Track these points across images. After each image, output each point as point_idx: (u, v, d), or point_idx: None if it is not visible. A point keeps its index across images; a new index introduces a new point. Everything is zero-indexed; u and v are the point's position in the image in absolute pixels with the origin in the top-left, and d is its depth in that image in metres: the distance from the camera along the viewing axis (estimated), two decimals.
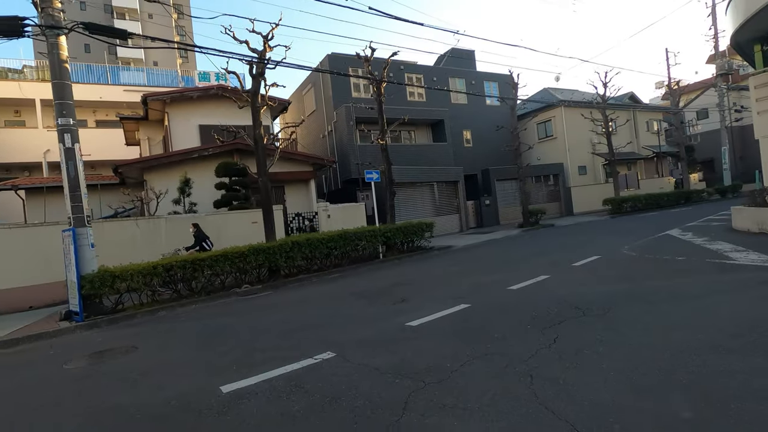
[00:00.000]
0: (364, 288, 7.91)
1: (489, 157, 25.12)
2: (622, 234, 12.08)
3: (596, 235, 12.63)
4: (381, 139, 12.96)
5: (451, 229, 20.00)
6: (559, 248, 10.57)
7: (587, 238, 12.09)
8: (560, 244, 11.26)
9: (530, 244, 12.62)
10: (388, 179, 13.04)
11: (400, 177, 17.75)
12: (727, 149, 26.57)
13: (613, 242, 10.28)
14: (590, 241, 11.42)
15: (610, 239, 11.13)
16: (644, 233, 11.47)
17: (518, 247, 12.23)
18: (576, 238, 12.46)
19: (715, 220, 12.86)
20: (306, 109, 23.84)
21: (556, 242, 12.07)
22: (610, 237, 11.65)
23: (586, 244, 10.81)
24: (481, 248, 13.09)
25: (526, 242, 13.29)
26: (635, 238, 10.49)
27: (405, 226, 13.07)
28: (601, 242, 10.70)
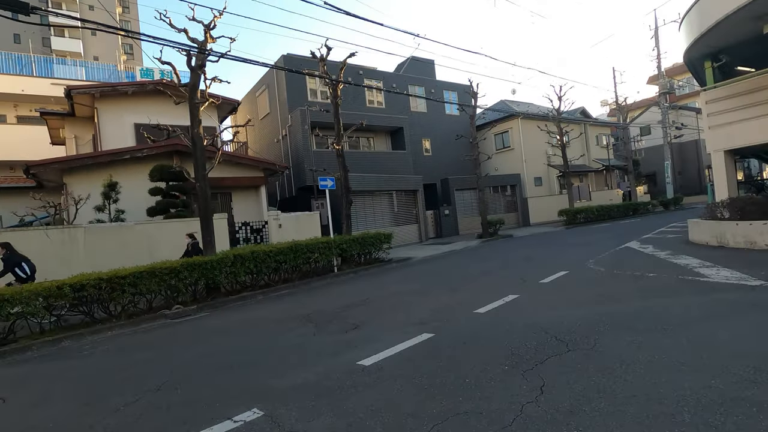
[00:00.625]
0: (313, 309, 6.97)
1: (448, 166, 24.89)
2: (582, 246, 11.88)
3: (557, 248, 12.38)
4: (337, 144, 12.10)
5: (411, 240, 19.39)
6: (522, 261, 10.12)
7: (549, 251, 11.79)
8: (523, 257, 10.84)
9: (492, 256, 12.17)
10: (344, 187, 12.18)
11: (357, 185, 16.93)
12: (670, 164, 27.94)
13: (577, 255, 9.97)
14: (553, 254, 11.09)
15: (572, 252, 10.85)
16: (604, 246, 11.32)
17: (480, 259, 11.72)
18: (538, 251, 12.14)
19: (669, 233, 13.02)
20: (259, 112, 22.55)
21: (518, 255, 11.67)
22: (571, 250, 11.39)
23: (549, 257, 10.45)
24: (441, 261, 12.48)
25: (487, 254, 12.84)
26: (597, 251, 10.25)
27: (362, 237, 12.24)
28: (564, 255, 10.37)
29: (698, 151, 36.66)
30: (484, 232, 18.93)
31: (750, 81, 10.08)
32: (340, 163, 12.24)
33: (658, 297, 5.28)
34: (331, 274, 11.25)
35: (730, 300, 4.79)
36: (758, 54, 10.80)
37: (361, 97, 21.79)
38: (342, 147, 12.28)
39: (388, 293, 7.75)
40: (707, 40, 9.95)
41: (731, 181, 10.68)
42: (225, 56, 9.40)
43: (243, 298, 9.04)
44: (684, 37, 11.05)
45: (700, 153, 36.96)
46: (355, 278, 10.71)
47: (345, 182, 12.16)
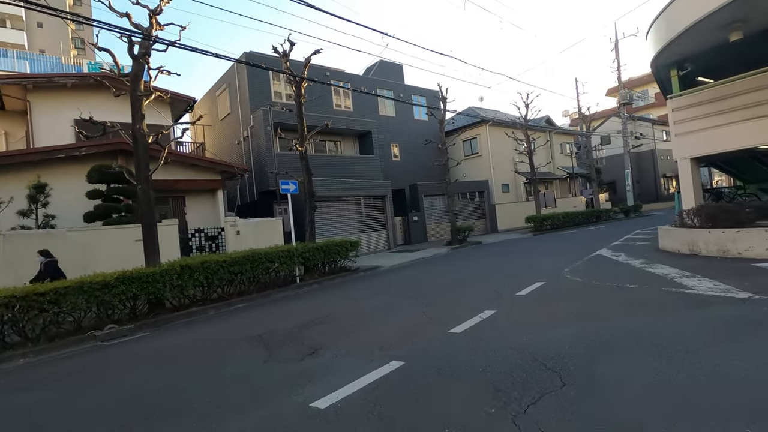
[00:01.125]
0: (268, 327, 6.16)
1: (417, 172, 24.51)
2: (554, 254, 11.62)
3: (529, 255, 12.07)
4: (300, 145, 11.32)
5: (379, 247, 18.75)
6: (495, 271, 9.67)
7: (521, 259, 11.44)
8: (495, 266, 10.41)
9: (463, 265, 11.69)
10: (307, 191, 11.39)
11: (323, 189, 16.15)
12: (630, 172, 28.78)
13: (550, 264, 9.62)
14: (525, 262, 10.72)
15: (545, 260, 10.52)
16: (576, 254, 11.09)
17: (451, 268, 11.22)
18: (509, 259, 11.77)
19: (636, 240, 13.02)
20: (219, 113, 21.35)
21: (490, 263, 11.25)
22: (544, 258, 11.08)
23: (522, 266, 10.05)
24: (410, 270, 11.89)
25: (457, 263, 12.37)
26: (570, 260, 9.96)
27: (327, 245, 11.47)
28: (537, 264, 10.01)
29: (654, 161, 38.24)
30: (453, 238, 18.57)
31: (714, 89, 10.14)
32: (304, 166, 11.45)
33: (645, 313, 4.86)
34: (292, 286, 10.41)
35: (725, 317, 4.40)
36: (722, 64, 10.94)
37: (328, 100, 21.06)
38: (306, 149, 11.50)
39: (353, 308, 7.03)
40: (674, 48, 9.93)
41: (697, 188, 10.71)
42: (174, 45, 8.46)
43: (191, 314, 8.07)
44: (651, 45, 11.06)
45: (656, 162, 38.59)
46: (318, 290, 9.92)
47: (309, 186, 11.38)
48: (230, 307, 8.60)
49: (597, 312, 5.09)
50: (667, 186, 39.85)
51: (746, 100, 9.53)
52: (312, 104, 20.14)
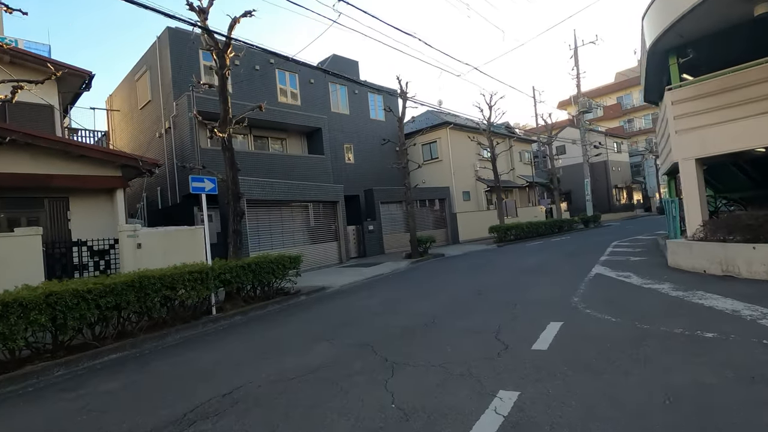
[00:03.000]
0: (118, 422, 3.47)
1: (373, 177, 22.22)
2: (538, 272, 9.65)
3: (508, 274, 10.01)
4: (221, 131, 8.59)
5: (329, 260, 16.13)
6: (476, 296, 7.44)
7: (501, 279, 9.34)
8: (473, 290, 8.20)
9: (430, 285, 9.42)
10: (231, 192, 8.65)
11: (262, 192, 13.37)
12: (589, 181, 28.23)
13: (545, 288, 7.57)
14: (509, 283, 8.60)
15: (533, 281, 8.47)
16: (566, 272, 9.19)
17: (416, 291, 8.89)
18: (487, 279, 9.64)
19: (628, 254, 11.41)
20: (139, 101, 17.92)
21: (465, 284, 9.05)
22: (529, 277, 9.05)
23: (508, 289, 7.91)
24: (365, 292, 9.44)
25: (423, 282, 10.08)
26: (566, 281, 7.98)
27: (258, 262, 8.76)
28: (527, 287, 7.92)
29: (607, 172, 38.59)
30: (414, 251, 16.37)
31: (724, 78, 8.66)
32: (227, 159, 8.71)
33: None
34: (206, 319, 7.62)
35: None
36: (726, 52, 9.57)
37: (272, 91, 18.30)
38: (230, 137, 8.76)
39: (279, 373, 4.44)
40: (684, 25, 8.34)
41: (703, 195, 9.15)
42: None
43: (18, 380, 5.10)
44: (650, 29, 9.49)
45: (609, 173, 39.00)
46: (238, 327, 7.19)
47: (233, 186, 8.64)
48: (95, 361, 5.70)
49: (699, 398, 2.88)
50: (618, 197, 40.41)
51: (764, 90, 8.06)
52: (252, 93, 17.31)
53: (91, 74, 11.49)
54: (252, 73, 17.68)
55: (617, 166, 40.34)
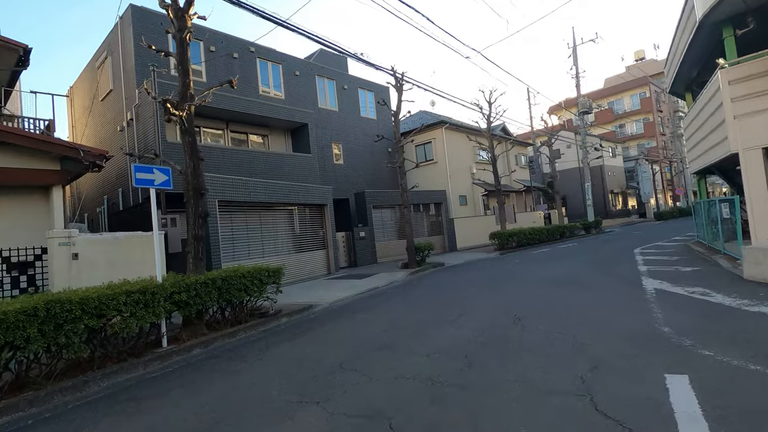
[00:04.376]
0: None
1: (364, 179, 20.45)
2: (573, 287, 7.96)
3: (534, 288, 8.29)
4: (179, 108, 6.71)
5: (317, 271, 14.22)
6: (513, 324, 5.67)
7: (532, 296, 7.60)
8: (505, 313, 6.43)
9: (442, 304, 7.64)
10: (192, 188, 6.74)
11: (238, 193, 11.45)
12: (590, 186, 26.97)
13: (601, 310, 5.87)
14: (547, 303, 6.87)
15: (575, 300, 6.76)
16: (610, 286, 7.54)
17: (428, 314, 7.09)
18: (512, 294, 7.91)
19: (662, 262, 9.82)
20: (100, 91, 15.85)
21: (487, 303, 7.30)
22: (564, 294, 7.34)
23: (553, 313, 6.17)
24: (362, 314, 7.59)
25: (431, 300, 8.29)
26: (620, 299, 6.32)
27: (226, 276, 6.86)
28: (574, 309, 6.20)
29: (603, 176, 37.56)
30: (411, 260, 14.59)
31: None
32: (187, 145, 6.81)
33: None
34: (152, 354, 5.68)
35: None
36: None
37: (252, 82, 16.43)
38: (191, 116, 6.88)
39: None
40: None
41: None
42: None
43: None
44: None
45: (605, 178, 37.99)
46: (192, 370, 5.27)
47: (194, 179, 6.74)
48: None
49: None
50: (614, 203, 39.43)
51: None
52: None
53: (26, 47, 9.47)
54: (230, 62, 15.81)
55: (612, 171, 39.43)
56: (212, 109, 14.00)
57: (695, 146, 11.54)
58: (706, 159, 10.43)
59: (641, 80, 47.87)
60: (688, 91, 12.27)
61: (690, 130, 11.77)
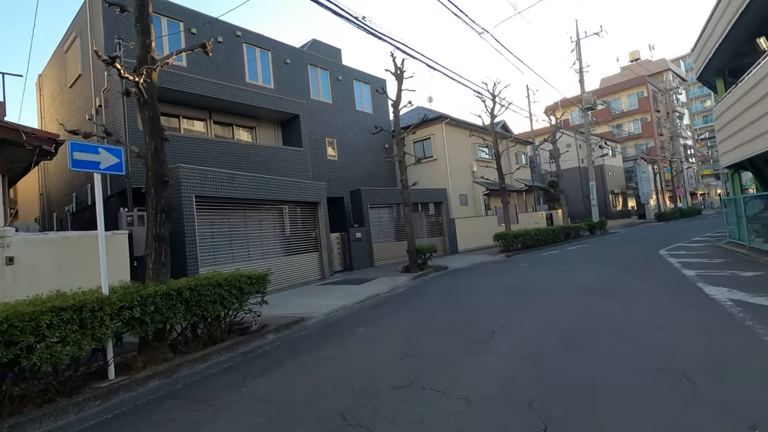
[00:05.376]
0: None
1: (359, 176, 19.13)
2: (617, 298, 6.71)
3: (568, 299, 7.04)
4: (137, 72, 5.33)
5: (309, 276, 12.84)
6: (571, 349, 4.39)
7: (571, 309, 6.33)
8: (552, 332, 5.15)
9: (461, 318, 6.34)
10: (153, 175, 5.35)
11: (218, 187, 10.05)
12: (595, 185, 25.94)
13: (681, 331, 4.60)
14: (598, 319, 5.60)
15: (624, 316, 5.51)
16: (663, 296, 6.29)
17: (449, 332, 5.79)
18: (545, 306, 6.65)
19: (708, 265, 8.62)
20: (69, 76, 14.34)
21: (520, 318, 6.02)
22: (612, 308, 6.07)
23: (621, 336, 4.90)
24: (364, 329, 6.25)
25: (447, 312, 6.99)
26: (689, 311, 5.09)
27: (196, 286, 5.48)
28: (646, 331, 4.93)
29: (603, 176, 36.67)
30: (412, 263, 13.29)
31: None
32: (146, 120, 5.41)
33: None
34: (92, 392, 4.30)
35: None
36: None
37: (238, 69, 15.04)
38: (151, 84, 5.49)
39: None
40: None
41: None
42: None
43: None
44: None
45: (605, 178, 37.10)
46: (141, 419, 3.89)
47: (155, 164, 5.34)
48: None
49: None
50: (615, 203, 38.56)
51: None
52: (212, 70, 14.02)
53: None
54: (214, 46, 14.35)
55: (612, 171, 38.59)
56: (193, 96, 12.60)
57: (730, 137, 10.41)
58: (746, 150, 9.27)
59: (639, 79, 47.26)
60: (719, 78, 11.18)
61: (723, 119, 10.65)
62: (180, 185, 8.97)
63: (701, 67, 11.20)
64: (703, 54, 10.70)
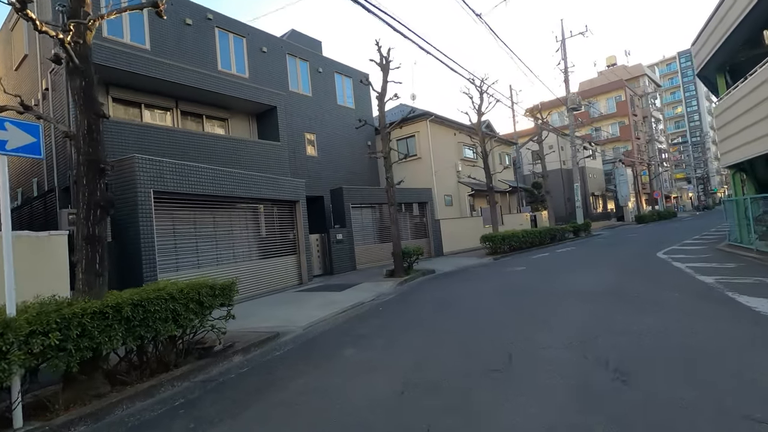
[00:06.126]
0: None
1: (341, 174, 18.10)
2: (627, 301, 5.93)
3: (571, 306, 6.23)
4: (64, 31, 4.19)
5: (286, 281, 11.72)
6: (616, 383, 3.52)
7: (583, 320, 5.50)
8: (573, 352, 4.29)
9: (456, 330, 5.43)
10: (85, 159, 4.21)
11: (181, 182, 8.84)
12: (580, 186, 25.65)
13: (744, 359, 3.78)
14: (629, 336, 4.77)
15: (668, 333, 4.67)
16: (678, 301, 5.54)
17: (444, 351, 4.85)
18: (563, 316, 5.82)
19: (723, 270, 7.98)
20: (15, 57, 12.79)
21: (529, 330, 5.15)
22: (622, 312, 5.28)
23: (672, 365, 4.05)
24: (352, 349, 5.24)
25: (445, 324, 6.06)
26: (741, 328, 4.30)
27: (141, 301, 4.36)
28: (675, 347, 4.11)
29: (584, 178, 36.68)
30: (398, 267, 12.35)
31: None
32: (78, 92, 4.28)
33: None
34: None
35: None
36: None
37: (209, 55, 13.79)
38: (84, 45, 4.36)
39: None
40: None
41: None
42: None
43: None
44: None
45: (586, 180, 37.13)
46: None
47: (89, 146, 4.21)
48: None
49: None
50: (595, 205, 38.68)
51: None
52: (179, 55, 12.74)
53: None
54: (181, 29, 13.13)
55: (593, 173, 38.71)
56: (157, 82, 11.33)
57: (734, 135, 9.89)
58: (753, 149, 8.72)
59: (617, 83, 47.87)
60: (720, 75, 10.70)
61: (726, 117, 10.14)
62: (135, 178, 7.74)
63: (702, 62, 10.69)
64: (706, 49, 10.18)
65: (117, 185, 7.90)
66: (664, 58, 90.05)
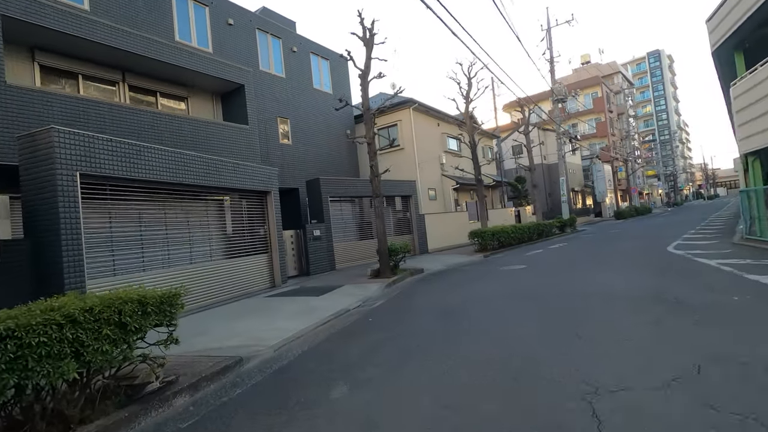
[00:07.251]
0: None
1: (317, 164, 16.54)
2: (680, 310, 4.75)
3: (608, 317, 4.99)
4: None
5: (256, 284, 10.09)
6: None
7: (652, 331, 4.23)
8: (669, 392, 2.97)
9: (475, 351, 4.07)
10: None
11: (118, 166, 7.06)
12: (565, 180, 24.93)
13: None
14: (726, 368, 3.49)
15: None
16: (756, 312, 4.37)
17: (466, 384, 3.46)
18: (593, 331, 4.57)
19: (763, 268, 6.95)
20: None
21: (579, 353, 3.86)
22: (711, 337, 4.04)
23: None
24: (342, 390, 3.78)
25: (455, 341, 4.68)
26: None
27: (21, 326, 2.75)
28: None
29: (566, 174, 36.22)
30: (384, 266, 10.97)
31: None
32: None
33: None
34: None
35: None
36: None
37: (165, 23, 11.91)
38: None
39: None
40: None
41: None
42: None
43: None
44: None
45: (567, 175, 36.70)
46: None
47: None
48: None
49: None
50: (575, 201, 38.39)
51: None
52: (128, 21, 10.84)
53: None
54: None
55: (572, 169, 38.35)
56: (100, 48, 9.47)
57: (757, 118, 8.95)
58: None
59: (594, 80, 47.96)
60: (739, 52, 9.78)
61: (747, 98, 9.21)
62: (53, 157, 5.97)
63: (720, 39, 9.75)
64: (728, 22, 9.22)
65: (31, 165, 6.12)
66: (634, 58, 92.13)
